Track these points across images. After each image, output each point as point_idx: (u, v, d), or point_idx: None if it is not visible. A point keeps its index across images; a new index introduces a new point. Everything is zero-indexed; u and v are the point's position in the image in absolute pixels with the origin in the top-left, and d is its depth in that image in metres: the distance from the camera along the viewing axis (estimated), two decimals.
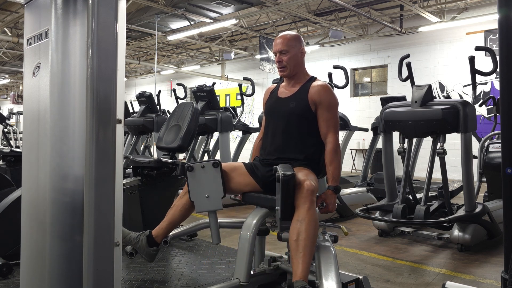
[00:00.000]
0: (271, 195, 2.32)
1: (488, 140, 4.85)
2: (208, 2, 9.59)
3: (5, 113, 13.01)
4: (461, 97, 10.39)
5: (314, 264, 2.17)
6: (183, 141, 3.63)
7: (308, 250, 2.07)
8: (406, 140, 4.11)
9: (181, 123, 3.72)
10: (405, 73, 4.36)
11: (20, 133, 10.54)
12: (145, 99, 7.03)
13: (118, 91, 1.54)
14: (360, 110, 12.47)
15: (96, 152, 1.46)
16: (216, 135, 6.51)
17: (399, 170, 4.25)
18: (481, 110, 10.06)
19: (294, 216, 2.14)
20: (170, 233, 2.57)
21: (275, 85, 2.68)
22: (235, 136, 12.53)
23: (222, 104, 15.52)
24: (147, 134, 7.14)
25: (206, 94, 6.44)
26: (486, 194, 4.94)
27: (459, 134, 3.79)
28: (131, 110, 8.64)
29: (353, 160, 12.71)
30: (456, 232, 3.88)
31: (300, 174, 2.21)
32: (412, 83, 4.25)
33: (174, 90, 8.00)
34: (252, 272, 2.35)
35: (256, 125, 8.16)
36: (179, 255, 3.37)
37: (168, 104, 14.34)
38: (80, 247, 1.53)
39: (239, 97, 14.68)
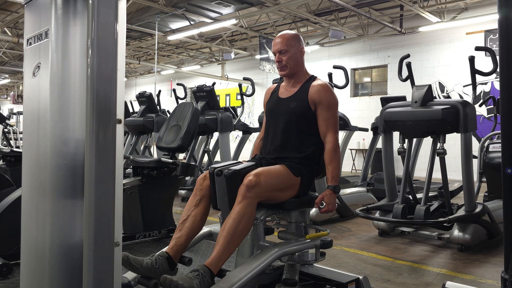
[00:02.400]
0: None
1: (488, 140, 4.85)
2: (208, 2, 9.60)
3: (5, 113, 13.00)
4: (461, 97, 10.40)
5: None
6: (183, 141, 3.63)
7: (225, 241, 2.05)
8: (406, 140, 4.11)
9: (181, 123, 3.72)
10: (405, 73, 4.36)
11: (20, 133, 10.54)
12: (145, 99, 7.03)
13: (118, 91, 1.54)
14: (360, 110, 12.47)
15: (96, 152, 1.46)
16: (216, 135, 6.51)
17: (399, 170, 4.26)
18: (481, 110, 10.06)
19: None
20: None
21: (275, 85, 2.68)
22: (235, 136, 12.53)
23: (222, 104, 15.53)
24: (147, 134, 7.14)
25: (206, 94, 6.44)
26: (486, 194, 4.94)
27: (459, 134, 3.79)
28: (131, 110, 8.64)
29: (353, 160, 12.71)
30: (456, 232, 3.88)
31: (256, 170, 2.21)
32: (412, 83, 4.25)
33: (174, 90, 8.01)
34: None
35: (256, 125, 8.17)
36: None
37: (168, 104, 14.34)
38: (80, 247, 1.53)
39: (239, 97, 14.69)
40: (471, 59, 3.99)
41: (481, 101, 6.51)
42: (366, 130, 6.65)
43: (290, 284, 2.11)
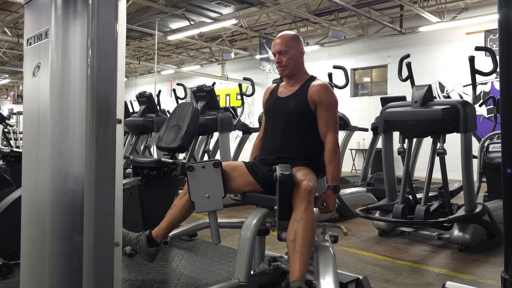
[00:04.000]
0: (271, 195, 2.31)
1: (488, 140, 4.85)
2: (208, 2, 9.60)
3: (5, 113, 13.00)
4: (461, 97, 10.40)
5: (313, 264, 2.16)
6: (183, 141, 3.63)
7: (306, 250, 2.07)
8: (406, 140, 4.11)
9: (181, 123, 3.72)
10: (405, 73, 4.36)
11: (20, 133, 10.53)
12: (145, 99, 7.03)
13: (118, 91, 1.54)
14: (360, 110, 12.47)
15: (96, 152, 1.46)
16: (216, 135, 6.51)
17: (399, 170, 4.25)
18: (481, 110, 10.06)
19: (292, 216, 2.14)
20: (170, 233, 2.56)
21: (275, 84, 2.68)
22: (235, 136, 12.53)
23: (222, 104, 15.53)
24: (147, 134, 7.14)
25: (206, 94, 6.44)
26: (486, 194, 4.94)
27: (459, 134, 3.79)
28: (131, 110, 8.64)
29: (353, 160, 12.71)
30: (456, 232, 3.88)
31: (299, 173, 2.21)
32: (412, 83, 4.25)
33: (174, 90, 8.01)
34: (252, 272, 2.35)
35: (256, 125, 8.16)
36: (179, 255, 3.37)
37: (168, 104, 14.34)
38: (80, 247, 1.53)
39: (239, 97, 14.68)
40: (471, 59, 3.99)
41: (481, 101, 6.51)
42: (366, 130, 6.64)
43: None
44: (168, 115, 5.97)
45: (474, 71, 4.01)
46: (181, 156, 7.84)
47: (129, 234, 2.46)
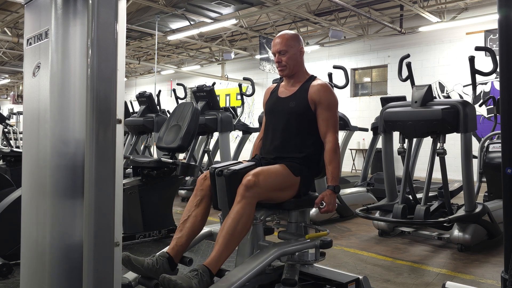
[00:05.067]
0: None
1: (488, 140, 4.85)
2: (208, 2, 9.60)
3: (5, 113, 13.00)
4: (461, 97, 10.39)
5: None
6: (183, 141, 3.63)
7: (224, 241, 2.05)
8: (406, 140, 4.11)
9: (181, 123, 3.72)
10: (405, 73, 4.36)
11: (20, 133, 10.54)
12: (145, 99, 7.03)
13: (118, 91, 1.53)
14: (360, 110, 12.47)
15: (96, 152, 1.46)
16: (216, 135, 6.51)
17: (399, 170, 4.26)
18: (481, 110, 10.06)
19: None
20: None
21: (275, 84, 2.68)
22: (235, 136, 12.53)
23: (222, 104, 15.52)
24: (147, 134, 7.14)
25: (206, 94, 6.44)
26: (486, 194, 4.94)
27: (459, 134, 3.79)
28: (131, 110, 8.64)
29: (353, 160, 12.71)
30: (456, 232, 3.88)
31: (255, 170, 2.21)
32: (412, 83, 4.25)
33: (174, 90, 8.01)
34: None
35: (256, 125, 8.17)
36: None
37: (168, 104, 14.34)
38: (80, 247, 1.53)
39: (239, 97, 14.68)
40: (471, 59, 3.99)
41: (481, 101, 6.52)
42: (366, 130, 6.65)
43: (290, 284, 2.11)
44: (168, 115, 5.97)
45: (474, 71, 4.01)
46: (181, 156, 7.84)
47: (144, 260, 2.11)
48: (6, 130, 9.92)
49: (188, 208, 2.28)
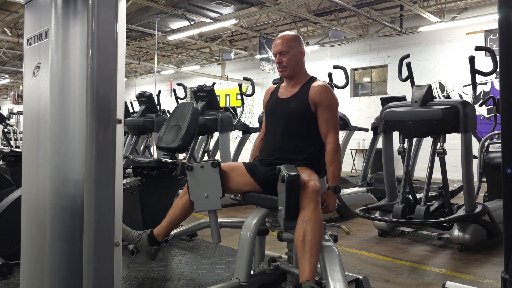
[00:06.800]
0: (271, 195, 2.31)
1: (488, 140, 4.85)
2: (208, 2, 9.59)
3: (5, 113, 13.01)
4: (461, 97, 10.39)
5: (320, 264, 2.16)
6: (183, 141, 3.63)
7: (315, 251, 2.07)
8: (406, 140, 4.11)
9: (181, 123, 3.72)
10: (405, 73, 4.36)
11: (20, 133, 10.54)
12: (145, 99, 7.03)
13: (118, 91, 1.53)
14: (360, 110, 12.47)
15: (96, 152, 1.46)
16: (216, 135, 6.51)
17: (399, 170, 4.25)
18: (481, 110, 10.06)
19: (300, 217, 2.13)
20: (171, 233, 2.58)
21: (275, 85, 2.68)
22: (235, 136, 12.53)
23: (222, 104, 15.52)
24: (147, 134, 7.14)
25: (206, 94, 6.44)
26: (486, 194, 4.94)
27: (459, 134, 3.79)
28: (131, 110, 8.64)
29: (353, 160, 12.71)
30: (456, 232, 3.88)
31: (304, 174, 2.21)
32: (412, 83, 4.25)
33: (174, 90, 8.01)
34: (252, 272, 2.35)
35: (256, 125, 8.16)
36: (179, 255, 3.37)
37: (168, 104, 14.34)
38: (80, 247, 1.53)
39: (239, 97, 14.68)
40: (471, 59, 3.99)
41: (481, 101, 6.51)
42: (366, 130, 6.64)
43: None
44: (168, 115, 5.97)
45: (474, 71, 4.01)
46: (181, 156, 7.84)
47: (131, 232, 2.53)
48: (6, 130, 9.92)
49: (176, 199, 2.55)
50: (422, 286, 3.03)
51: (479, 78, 4.20)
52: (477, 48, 4.04)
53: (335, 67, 5.34)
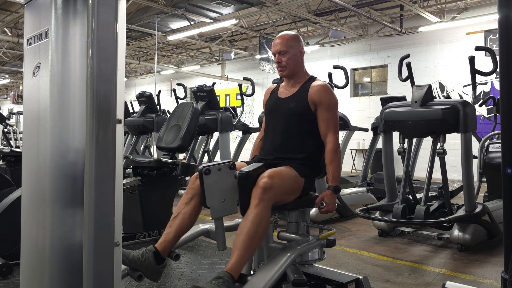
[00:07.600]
0: None
1: (488, 140, 4.85)
2: (208, 2, 9.59)
3: (5, 113, 13.01)
4: (461, 97, 10.39)
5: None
6: (183, 141, 3.63)
7: (244, 246, 2.04)
8: (406, 140, 4.11)
9: (181, 123, 3.72)
10: (405, 73, 4.36)
11: (20, 133, 10.54)
12: (145, 99, 7.03)
13: (118, 91, 1.53)
14: (360, 110, 12.47)
15: (96, 152, 1.45)
16: (216, 135, 6.51)
17: (399, 170, 4.26)
18: (481, 110, 10.06)
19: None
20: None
21: (275, 85, 2.68)
22: (235, 136, 12.53)
23: (222, 104, 15.52)
24: (147, 134, 7.14)
25: (206, 94, 6.44)
26: (486, 194, 4.94)
27: (459, 134, 3.79)
28: (131, 110, 8.65)
29: (353, 160, 12.71)
30: (456, 232, 3.88)
31: (270, 171, 2.20)
32: (412, 83, 4.25)
33: (174, 90, 8.01)
34: (252, 272, 2.35)
35: (256, 125, 8.17)
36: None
37: (168, 104, 14.34)
38: (80, 247, 1.53)
39: (239, 97, 14.68)
40: (471, 59, 3.99)
41: (481, 101, 6.52)
42: (366, 130, 6.65)
43: (301, 284, 2.13)
44: (168, 115, 5.97)
45: (474, 71, 4.01)
46: (181, 156, 7.84)
47: (130, 253, 2.15)
48: (6, 130, 9.92)
49: (179, 205, 2.30)
50: (422, 286, 3.03)
51: (479, 78, 4.20)
52: (477, 48, 4.05)
53: (335, 67, 5.34)
